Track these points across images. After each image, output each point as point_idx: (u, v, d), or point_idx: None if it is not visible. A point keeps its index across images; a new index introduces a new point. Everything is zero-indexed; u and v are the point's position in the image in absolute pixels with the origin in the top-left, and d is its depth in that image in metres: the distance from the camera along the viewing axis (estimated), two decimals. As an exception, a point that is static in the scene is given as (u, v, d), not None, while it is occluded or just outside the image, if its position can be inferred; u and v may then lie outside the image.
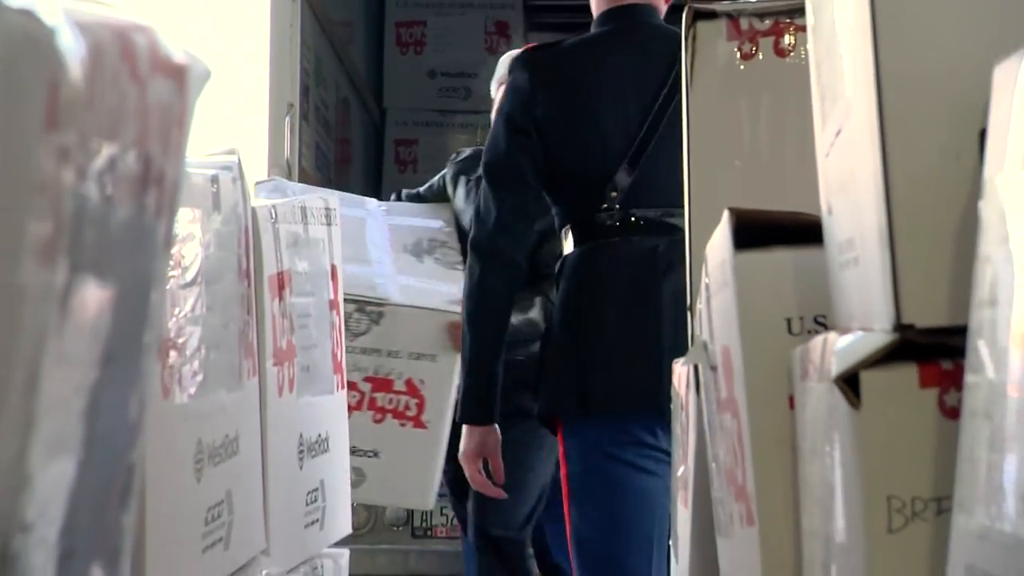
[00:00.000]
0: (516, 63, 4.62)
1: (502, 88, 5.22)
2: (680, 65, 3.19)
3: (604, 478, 4.32)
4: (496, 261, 4.45)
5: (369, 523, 6.38)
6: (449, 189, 5.99)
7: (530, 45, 5.31)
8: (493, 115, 5.17)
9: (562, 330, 4.44)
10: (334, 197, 3.52)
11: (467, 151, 6.02)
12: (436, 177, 6.09)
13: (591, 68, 4.50)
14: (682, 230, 3.44)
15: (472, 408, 4.52)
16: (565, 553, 5.07)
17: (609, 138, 4.38)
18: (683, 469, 2.90)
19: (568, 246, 4.43)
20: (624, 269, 4.33)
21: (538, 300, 5.37)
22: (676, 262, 3.97)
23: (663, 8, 4.56)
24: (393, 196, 6.21)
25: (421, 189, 6.17)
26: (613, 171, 4.33)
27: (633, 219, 4.32)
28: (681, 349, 3.39)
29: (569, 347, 4.38)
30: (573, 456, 4.40)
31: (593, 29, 4.63)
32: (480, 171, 4.93)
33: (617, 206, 4.32)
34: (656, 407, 3.99)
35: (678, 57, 3.39)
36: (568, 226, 4.44)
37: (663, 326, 4.21)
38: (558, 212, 4.47)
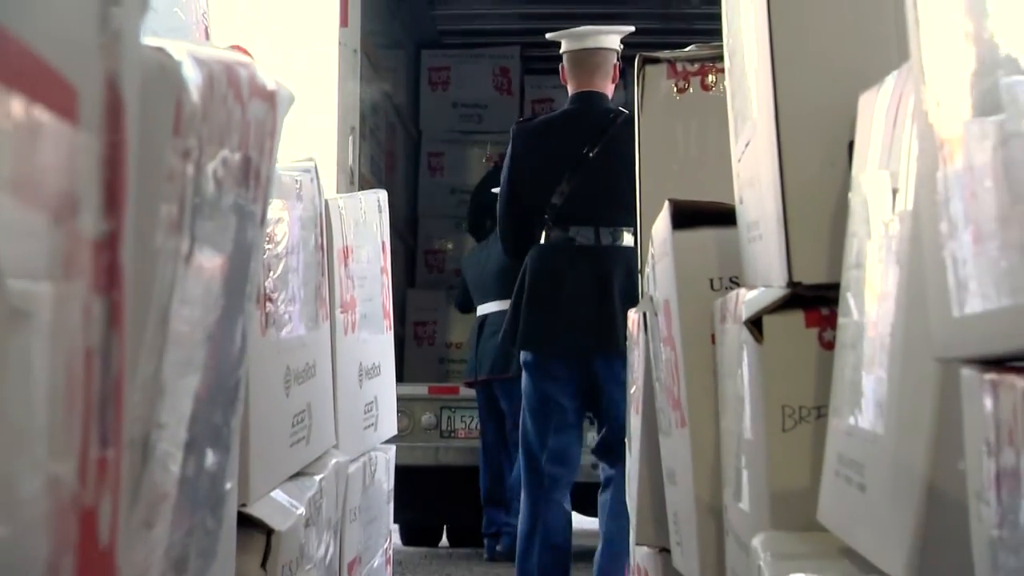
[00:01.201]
0: (512, 133, 5.35)
1: None
2: (602, 136, 4.76)
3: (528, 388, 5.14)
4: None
5: (409, 427, 6.37)
6: None
7: (521, 119, 6.18)
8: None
9: (514, 300, 5.15)
10: (383, 193, 3.50)
11: None
12: None
13: (546, 138, 5.20)
14: (585, 242, 4.98)
15: None
16: None
17: (547, 184, 5.06)
18: (635, 388, 2.90)
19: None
20: (543, 264, 5.03)
21: None
22: (578, 261, 5.00)
23: (611, 90, 5.21)
24: None
25: None
26: (547, 203, 5.04)
27: (556, 232, 5.04)
28: (583, 315, 4.87)
29: (515, 310, 5.12)
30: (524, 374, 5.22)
31: (565, 106, 5.35)
32: None
33: (550, 223, 5.04)
34: (553, 351, 5.04)
35: (606, 132, 4.98)
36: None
37: (561, 302, 4.95)
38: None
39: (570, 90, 5.22)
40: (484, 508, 6.69)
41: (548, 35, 5.45)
